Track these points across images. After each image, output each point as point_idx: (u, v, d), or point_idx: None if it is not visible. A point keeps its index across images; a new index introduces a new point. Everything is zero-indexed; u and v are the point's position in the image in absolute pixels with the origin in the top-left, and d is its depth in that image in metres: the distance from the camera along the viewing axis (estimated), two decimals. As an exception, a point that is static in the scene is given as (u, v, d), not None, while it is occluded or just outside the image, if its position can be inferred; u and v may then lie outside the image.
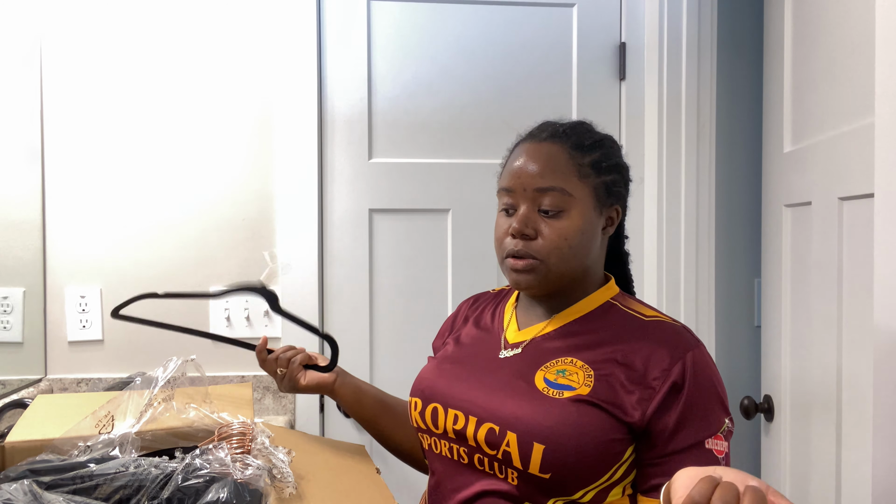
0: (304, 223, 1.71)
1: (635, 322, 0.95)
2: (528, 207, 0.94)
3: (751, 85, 1.79)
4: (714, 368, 0.93)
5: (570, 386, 0.90)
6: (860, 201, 1.27)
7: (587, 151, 0.95)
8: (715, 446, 0.88)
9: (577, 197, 0.93)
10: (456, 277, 1.78)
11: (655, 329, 0.94)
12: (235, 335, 1.72)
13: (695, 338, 0.94)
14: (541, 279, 0.94)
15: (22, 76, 1.60)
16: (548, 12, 1.79)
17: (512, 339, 1.01)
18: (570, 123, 1.01)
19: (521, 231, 0.93)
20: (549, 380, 0.92)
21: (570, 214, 0.93)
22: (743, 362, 1.80)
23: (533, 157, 0.95)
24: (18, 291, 1.57)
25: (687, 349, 0.91)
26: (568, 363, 0.93)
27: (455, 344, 1.09)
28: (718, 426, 0.89)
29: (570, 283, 0.98)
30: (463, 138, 1.78)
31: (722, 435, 0.89)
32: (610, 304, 0.99)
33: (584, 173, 0.94)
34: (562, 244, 0.92)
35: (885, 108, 1.03)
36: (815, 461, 1.43)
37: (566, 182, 0.93)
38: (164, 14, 1.69)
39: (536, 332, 0.99)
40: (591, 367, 0.91)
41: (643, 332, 0.93)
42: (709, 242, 1.76)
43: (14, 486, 0.68)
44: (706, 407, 0.89)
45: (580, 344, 0.95)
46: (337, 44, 1.75)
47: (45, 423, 0.97)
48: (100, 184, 1.68)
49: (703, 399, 0.89)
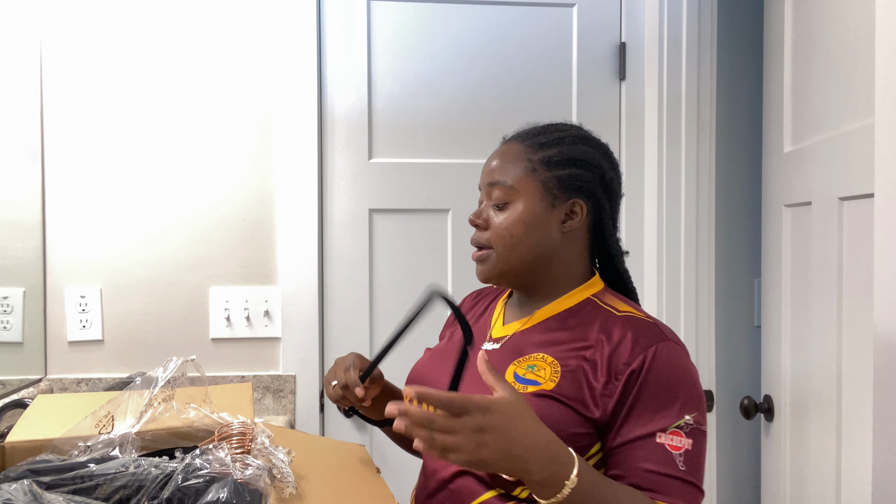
0: (304, 223, 1.71)
1: (609, 318, 0.97)
2: (486, 201, 1.03)
3: (751, 85, 1.79)
4: (684, 365, 0.92)
5: (536, 381, 0.93)
6: (860, 201, 1.27)
7: (542, 149, 1.00)
8: (669, 441, 0.88)
9: (521, 190, 0.99)
10: (456, 277, 1.78)
11: (626, 324, 0.95)
12: (235, 335, 1.72)
13: (666, 334, 0.94)
14: (493, 266, 1.00)
15: (22, 76, 1.60)
16: (548, 12, 1.79)
17: (495, 334, 1.05)
18: (543, 125, 1.06)
19: (473, 221, 1.02)
20: (518, 375, 0.95)
21: (515, 206, 0.99)
22: (743, 362, 1.80)
23: (495, 155, 1.04)
24: (18, 291, 1.57)
25: (653, 342, 0.92)
26: (539, 359, 0.96)
27: (450, 337, 1.14)
28: (673, 421, 0.88)
29: (533, 274, 1.01)
30: (463, 138, 1.78)
31: (681, 431, 0.88)
32: (589, 300, 1.01)
33: (533, 168, 0.99)
34: (504, 234, 0.99)
35: (885, 108, 1.03)
36: (815, 461, 1.43)
37: (512, 177, 0.99)
38: (164, 14, 1.69)
39: (517, 328, 1.03)
40: (560, 363, 0.94)
41: (614, 327, 0.95)
42: (709, 242, 1.76)
43: (14, 486, 0.68)
44: (662, 400, 0.89)
45: (554, 340, 0.97)
46: (337, 44, 1.75)
47: (45, 423, 0.97)
48: (100, 184, 1.68)
49: (659, 391, 0.89)
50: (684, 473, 0.87)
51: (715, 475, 1.76)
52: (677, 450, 0.88)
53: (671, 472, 0.87)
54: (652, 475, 0.87)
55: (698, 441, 0.89)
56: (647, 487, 0.87)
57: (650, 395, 0.89)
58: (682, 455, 0.88)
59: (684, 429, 0.89)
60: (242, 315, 1.71)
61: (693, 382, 0.92)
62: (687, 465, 0.88)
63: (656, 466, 0.87)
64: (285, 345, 1.71)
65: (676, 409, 0.89)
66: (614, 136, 1.82)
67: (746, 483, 1.80)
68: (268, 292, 1.72)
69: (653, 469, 0.87)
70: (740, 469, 1.80)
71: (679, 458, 0.88)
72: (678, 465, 0.87)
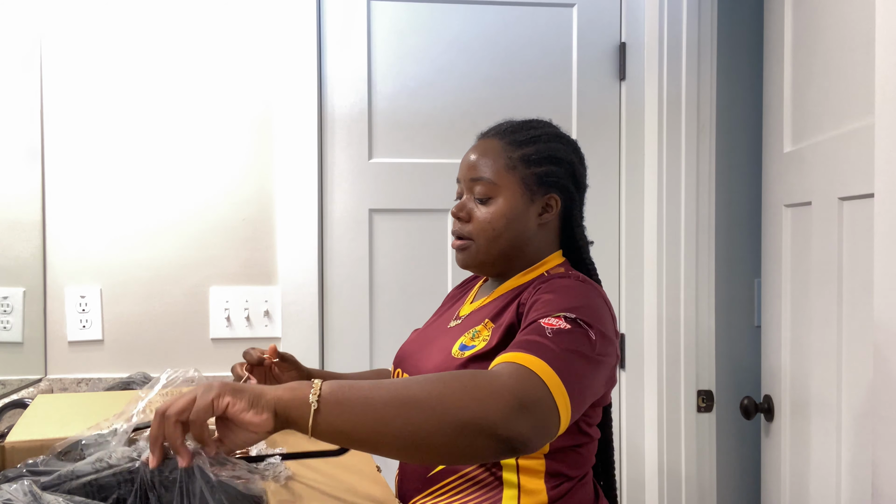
0: (304, 223, 1.71)
1: (543, 279, 1.02)
2: (467, 195, 1.09)
3: (751, 85, 1.79)
4: (583, 292, 0.95)
5: (473, 346, 1.00)
6: (860, 201, 1.27)
7: (520, 146, 1.07)
8: (546, 320, 0.87)
9: (503, 186, 1.05)
10: (456, 277, 1.78)
11: (550, 277, 1.01)
12: (235, 335, 1.72)
13: (583, 278, 1.00)
14: (473, 256, 1.07)
15: (22, 76, 1.60)
16: (548, 12, 1.79)
17: (462, 313, 1.13)
18: (518, 122, 1.12)
19: (456, 214, 1.08)
20: (463, 344, 1.02)
21: (497, 201, 1.05)
22: (743, 362, 1.80)
23: (474, 151, 1.10)
24: (18, 291, 1.57)
25: (563, 278, 0.98)
26: (481, 327, 1.03)
27: (433, 319, 1.24)
28: (557, 312, 0.88)
29: (508, 262, 1.08)
30: (463, 138, 1.78)
31: (562, 317, 0.87)
32: (542, 275, 1.06)
33: (513, 166, 1.06)
34: (487, 227, 1.05)
35: (885, 108, 1.03)
36: (815, 461, 1.43)
37: (494, 173, 1.05)
38: (164, 14, 1.69)
39: (478, 305, 1.11)
40: (494, 324, 1.01)
41: (541, 281, 1.01)
42: (709, 242, 1.76)
43: (14, 487, 0.68)
44: (551, 306, 0.90)
45: (501, 309, 1.03)
46: (337, 44, 1.75)
47: (44, 423, 0.97)
48: (100, 184, 1.68)
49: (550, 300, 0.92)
50: (546, 338, 0.83)
51: (715, 475, 1.76)
52: (551, 325, 0.86)
53: (536, 334, 0.84)
54: (518, 341, 0.85)
55: (579, 332, 0.86)
56: (503, 351, 0.84)
57: (542, 304, 0.92)
58: (554, 330, 0.85)
59: (567, 318, 0.88)
60: (242, 315, 1.71)
61: (590, 303, 0.93)
62: (554, 335, 0.84)
63: (523, 334, 0.87)
64: (285, 345, 1.71)
65: (563, 309, 0.89)
66: (614, 136, 1.82)
67: (746, 483, 1.80)
68: (268, 292, 1.72)
69: (521, 337, 0.86)
70: (740, 469, 1.80)
71: (549, 331, 0.85)
72: (545, 333, 0.84)
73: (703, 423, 1.75)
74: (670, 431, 1.74)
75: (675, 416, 1.74)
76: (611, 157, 1.82)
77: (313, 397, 0.71)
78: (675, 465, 1.75)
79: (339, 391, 0.72)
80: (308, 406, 0.70)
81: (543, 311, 0.90)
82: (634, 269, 1.81)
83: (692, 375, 1.74)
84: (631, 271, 1.81)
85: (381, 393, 0.72)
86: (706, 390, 1.74)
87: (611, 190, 1.82)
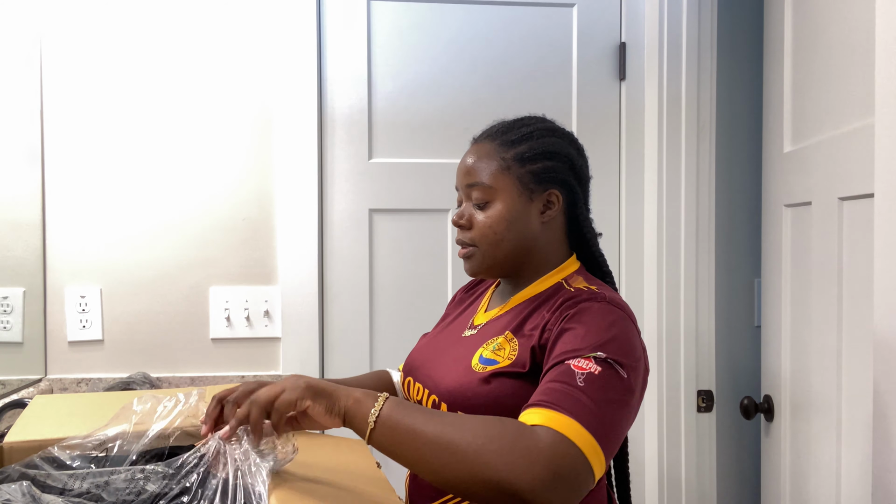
0: (304, 223, 1.71)
1: (565, 295, 0.99)
2: (466, 201, 1.08)
3: (751, 85, 1.79)
4: (611, 319, 0.91)
5: (496, 360, 0.98)
6: (860, 201, 1.27)
7: (512, 146, 1.05)
8: (576, 363, 0.85)
9: (499, 188, 1.03)
10: (456, 277, 1.78)
11: (575, 295, 0.98)
12: (235, 335, 1.72)
13: (598, 297, 0.95)
14: (479, 263, 1.05)
15: (22, 76, 1.60)
16: (548, 12, 1.79)
17: (476, 322, 1.11)
18: (509, 121, 1.10)
19: (456, 222, 1.07)
20: (483, 357, 1.00)
21: (495, 205, 1.03)
22: (743, 362, 1.80)
23: (468, 156, 1.07)
24: (18, 291, 1.58)
25: (589, 300, 0.94)
26: (502, 340, 1.01)
27: (443, 325, 1.20)
28: (588, 352, 0.86)
29: (517, 264, 1.06)
30: (463, 138, 1.77)
31: (592, 359, 0.86)
32: (559, 283, 1.04)
33: (507, 166, 1.03)
34: (488, 231, 1.03)
35: (885, 108, 1.03)
36: (815, 461, 1.43)
37: (489, 177, 1.04)
38: (164, 14, 1.69)
39: (494, 315, 1.08)
40: (518, 340, 0.99)
41: (564, 299, 0.97)
42: (709, 242, 1.76)
43: (13, 487, 0.68)
44: (581, 340, 0.88)
45: (521, 321, 1.02)
46: (337, 44, 1.75)
47: (44, 423, 0.97)
48: (100, 184, 1.68)
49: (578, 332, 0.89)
50: (578, 389, 0.82)
51: (715, 475, 1.76)
52: (582, 370, 0.85)
53: (567, 382, 0.83)
54: (547, 386, 0.85)
55: (610, 374, 0.85)
56: (537, 400, 0.83)
57: (571, 337, 0.90)
58: (585, 375, 0.84)
59: (597, 360, 0.86)
60: (242, 315, 1.71)
61: (618, 333, 0.90)
62: (586, 384, 0.83)
63: (553, 376, 0.85)
64: (285, 345, 1.71)
65: (592, 347, 0.87)
66: (614, 136, 1.82)
67: (746, 483, 1.80)
68: (268, 292, 1.72)
69: (550, 379, 0.85)
70: (740, 469, 1.80)
71: (580, 376, 0.84)
72: (576, 381, 0.83)
73: (703, 423, 1.75)
74: (670, 431, 1.74)
75: (675, 416, 1.74)
76: (611, 157, 1.82)
77: (372, 417, 0.82)
78: (675, 465, 1.75)
79: (396, 414, 0.82)
80: (367, 424, 0.82)
81: (572, 349, 0.88)
82: (634, 269, 1.81)
83: (692, 375, 1.74)
84: (631, 271, 1.81)
85: (429, 428, 0.80)
86: (706, 390, 1.74)
87: (611, 190, 1.82)
